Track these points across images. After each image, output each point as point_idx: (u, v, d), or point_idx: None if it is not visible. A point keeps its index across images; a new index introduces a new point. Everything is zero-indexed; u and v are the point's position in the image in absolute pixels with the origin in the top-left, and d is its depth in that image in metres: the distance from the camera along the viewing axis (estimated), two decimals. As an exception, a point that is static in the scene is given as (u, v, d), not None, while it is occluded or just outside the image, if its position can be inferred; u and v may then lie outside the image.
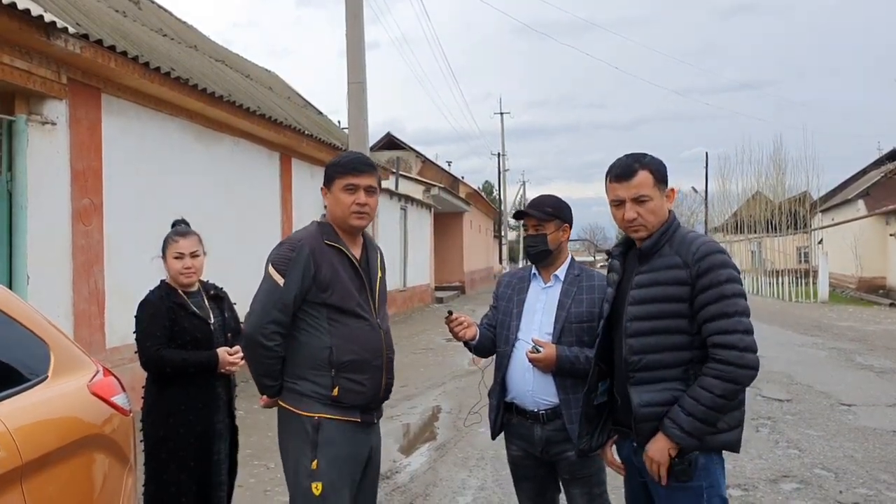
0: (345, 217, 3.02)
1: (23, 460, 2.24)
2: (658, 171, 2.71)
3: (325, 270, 2.92)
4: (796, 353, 12.50)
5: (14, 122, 6.49)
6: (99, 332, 7.46)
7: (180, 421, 3.56)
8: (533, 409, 3.20)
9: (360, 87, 12.10)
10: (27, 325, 2.72)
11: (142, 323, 3.60)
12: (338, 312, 2.94)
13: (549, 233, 3.24)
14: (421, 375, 10.63)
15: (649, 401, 2.61)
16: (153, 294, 3.68)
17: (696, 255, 2.57)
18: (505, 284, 3.46)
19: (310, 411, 2.91)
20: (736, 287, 2.55)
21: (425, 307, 22.72)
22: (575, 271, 3.30)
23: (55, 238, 6.94)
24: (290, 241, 3.03)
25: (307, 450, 2.89)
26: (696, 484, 2.56)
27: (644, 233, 2.70)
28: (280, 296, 2.88)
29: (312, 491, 2.86)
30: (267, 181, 12.07)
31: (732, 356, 2.47)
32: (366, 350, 2.98)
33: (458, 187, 35.69)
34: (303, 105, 18.09)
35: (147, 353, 3.55)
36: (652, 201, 2.68)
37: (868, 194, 32.40)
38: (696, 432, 2.51)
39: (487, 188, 70.40)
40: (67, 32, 6.44)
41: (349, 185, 3.01)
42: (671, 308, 2.60)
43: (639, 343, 2.64)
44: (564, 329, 3.17)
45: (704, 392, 2.49)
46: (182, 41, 12.19)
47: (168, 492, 3.54)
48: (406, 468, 6.08)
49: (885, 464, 5.94)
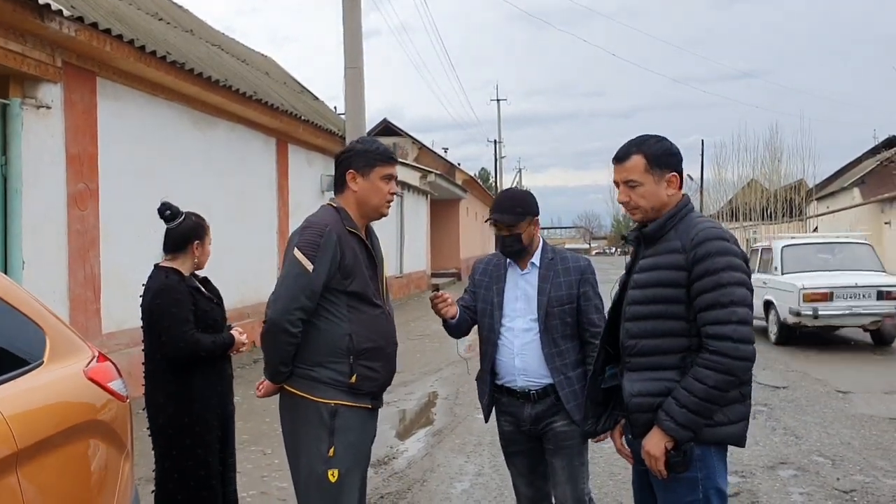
0: (380, 206, 3.04)
1: (18, 447, 2.22)
2: (654, 157, 2.65)
3: (349, 258, 2.91)
4: (792, 340, 12.51)
5: (8, 106, 6.44)
6: (95, 317, 7.44)
7: (205, 406, 3.55)
8: (524, 390, 3.25)
9: (357, 72, 12.04)
10: (23, 310, 2.69)
11: (170, 309, 3.49)
12: (357, 300, 2.94)
13: (523, 231, 3.26)
14: (417, 362, 10.64)
15: (641, 391, 2.58)
16: (170, 280, 3.57)
17: (695, 240, 2.51)
18: (481, 272, 3.46)
19: (325, 398, 2.89)
20: (734, 275, 2.46)
21: (422, 294, 22.72)
22: (549, 255, 3.34)
23: (50, 222, 6.90)
24: (316, 225, 2.94)
25: (324, 436, 2.87)
26: (691, 475, 2.53)
27: (640, 215, 2.69)
28: (308, 281, 2.83)
29: (328, 477, 2.85)
30: (263, 167, 12.02)
31: (726, 347, 2.40)
32: (382, 337, 3.01)
33: (454, 174, 35.61)
34: (299, 91, 18.02)
35: (184, 339, 3.46)
36: (642, 186, 2.65)
37: (863, 182, 32.39)
38: (690, 424, 2.46)
39: (484, 175, 70.31)
40: (62, 15, 6.38)
41: (388, 175, 3.03)
42: (669, 293, 2.55)
43: (636, 327, 2.62)
44: (549, 314, 3.21)
45: (698, 384, 2.43)
46: (178, 25, 12.11)
47: (196, 476, 3.52)
48: (403, 454, 6.09)
49: (882, 451, 5.96)
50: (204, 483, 3.54)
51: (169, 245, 3.68)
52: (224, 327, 3.72)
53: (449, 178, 30.53)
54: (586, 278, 3.30)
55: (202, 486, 3.54)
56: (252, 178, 11.49)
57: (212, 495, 3.56)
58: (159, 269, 3.65)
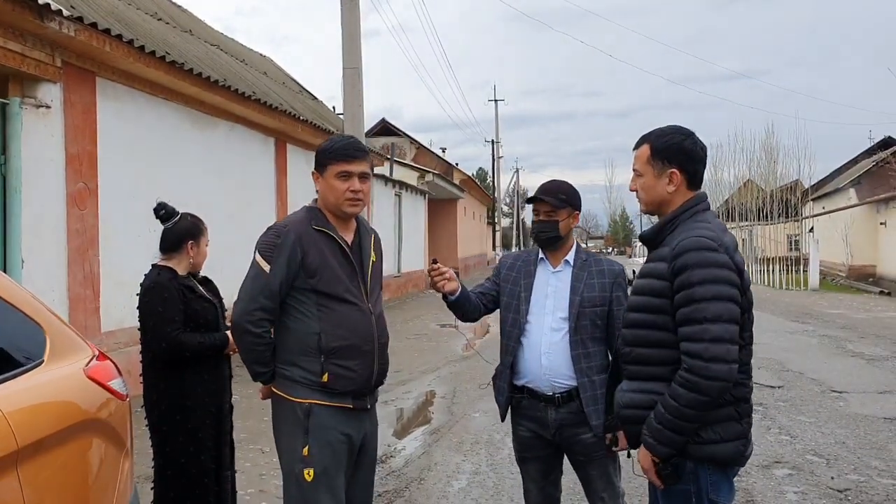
0: (338, 204, 2.98)
1: (19, 445, 2.23)
2: (657, 149, 2.55)
3: (313, 256, 2.90)
4: (787, 341, 12.57)
5: (8, 105, 6.46)
6: (94, 315, 7.46)
7: (197, 403, 3.56)
8: (549, 392, 3.17)
9: (355, 72, 12.06)
10: (23, 308, 2.70)
11: (157, 307, 3.53)
12: (326, 298, 2.92)
13: (562, 220, 3.23)
14: (415, 360, 10.66)
15: (629, 402, 2.54)
16: (161, 278, 3.60)
17: (676, 249, 2.40)
18: (508, 266, 3.40)
19: (301, 397, 2.90)
20: (710, 289, 2.32)
21: (419, 293, 22.74)
22: (583, 256, 3.29)
23: (50, 222, 6.92)
24: (276, 227, 3.00)
25: (299, 435, 2.89)
26: (684, 487, 2.48)
27: (644, 207, 2.64)
28: (266, 282, 2.87)
29: (304, 477, 2.86)
30: (262, 166, 12.04)
31: (697, 366, 2.30)
32: (355, 335, 2.95)
33: (452, 174, 35.64)
34: (298, 90, 18.01)
35: (167, 338, 3.49)
36: (642, 177, 2.59)
37: (859, 183, 32.46)
38: (665, 441, 2.39)
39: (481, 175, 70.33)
40: (62, 15, 6.39)
41: (343, 173, 2.96)
42: (657, 303, 2.46)
43: (630, 334, 2.57)
44: (580, 314, 3.15)
45: (671, 401, 2.35)
46: (177, 25, 12.11)
47: (189, 474, 3.55)
48: (401, 452, 6.11)
49: (876, 450, 6.00)
50: (196, 481, 3.56)
51: (164, 244, 3.72)
52: (221, 327, 3.72)
53: (447, 178, 30.55)
54: (619, 283, 3.25)
55: (195, 484, 3.56)
56: (251, 178, 11.51)
57: (204, 493, 3.58)
58: (154, 267, 3.70)
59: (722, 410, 2.39)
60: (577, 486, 3.89)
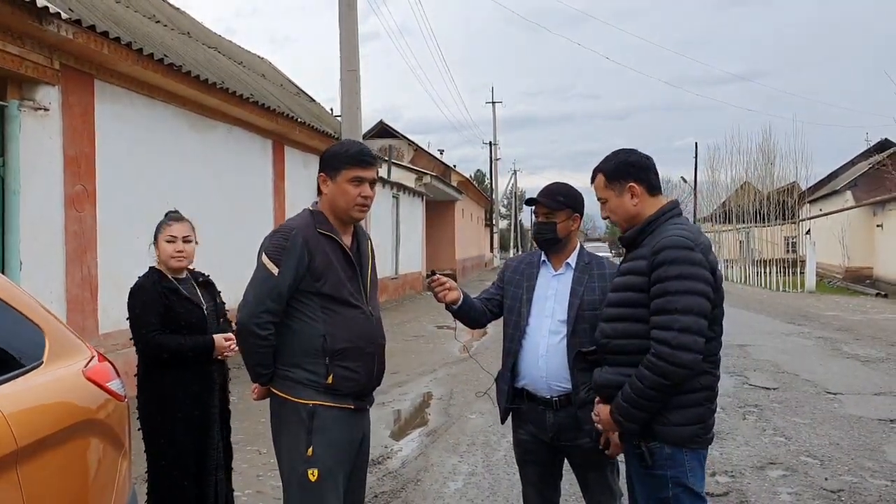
0: (348, 209, 3.01)
1: (18, 445, 2.24)
2: (609, 172, 2.81)
3: (319, 259, 2.92)
4: (783, 342, 12.60)
5: (6, 108, 6.48)
6: (92, 317, 7.48)
7: (178, 406, 3.58)
8: (546, 395, 3.19)
9: (353, 75, 12.09)
10: (22, 310, 2.72)
11: (135, 309, 3.60)
12: (331, 301, 2.94)
13: (560, 221, 3.24)
14: (412, 362, 10.67)
15: (605, 382, 2.75)
16: (145, 280, 3.67)
17: (656, 247, 2.61)
18: (512, 269, 3.42)
19: (304, 398, 2.92)
20: (684, 284, 2.52)
21: (417, 295, 22.75)
22: (585, 259, 3.29)
23: (48, 224, 6.94)
24: (283, 229, 3.01)
25: (302, 436, 2.91)
26: (660, 472, 2.63)
27: (621, 226, 2.86)
28: (274, 285, 2.89)
29: (308, 477, 2.88)
30: (260, 169, 12.06)
31: (664, 352, 2.50)
32: (359, 338, 2.98)
33: (450, 176, 35.63)
34: (295, 93, 18.05)
35: (143, 340, 3.55)
36: (608, 202, 2.83)
37: (856, 185, 32.55)
38: (626, 416, 2.63)
39: (479, 177, 70.35)
40: (60, 18, 6.42)
41: (357, 178, 2.99)
42: (635, 297, 2.66)
43: (609, 327, 2.77)
44: (579, 317, 3.15)
45: (637, 381, 2.57)
46: (175, 28, 12.14)
47: (170, 476, 3.58)
48: (398, 454, 6.13)
49: (870, 451, 6.03)
50: (176, 483, 3.58)
51: None
52: (209, 329, 3.70)
53: (444, 180, 30.54)
54: None
55: (174, 486, 3.59)
56: (249, 180, 11.53)
57: (183, 496, 3.60)
58: (148, 269, 3.76)
59: (691, 396, 2.61)
60: (574, 488, 3.92)
